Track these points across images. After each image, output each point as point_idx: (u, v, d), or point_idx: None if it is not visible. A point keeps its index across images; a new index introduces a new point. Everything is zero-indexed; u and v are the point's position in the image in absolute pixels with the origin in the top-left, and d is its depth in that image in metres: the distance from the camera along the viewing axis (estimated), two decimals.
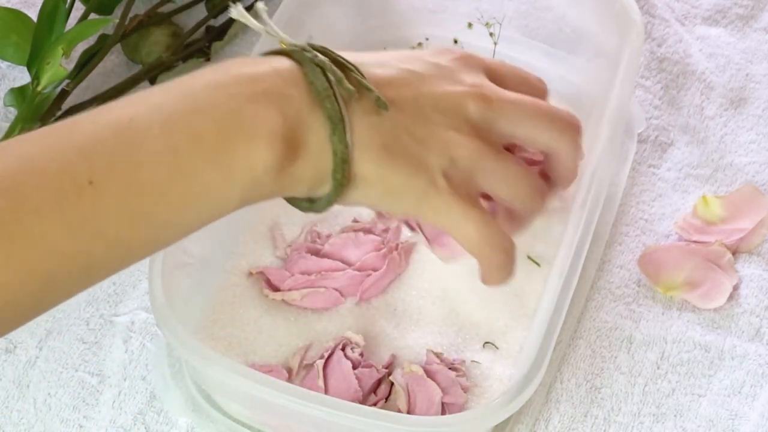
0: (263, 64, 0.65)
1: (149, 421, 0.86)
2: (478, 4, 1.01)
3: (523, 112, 0.73)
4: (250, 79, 0.64)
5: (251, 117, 0.63)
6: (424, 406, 0.83)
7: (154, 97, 0.63)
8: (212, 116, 0.62)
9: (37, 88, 0.97)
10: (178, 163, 0.61)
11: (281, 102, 0.64)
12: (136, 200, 0.60)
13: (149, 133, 0.60)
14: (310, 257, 0.89)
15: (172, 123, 0.61)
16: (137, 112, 0.61)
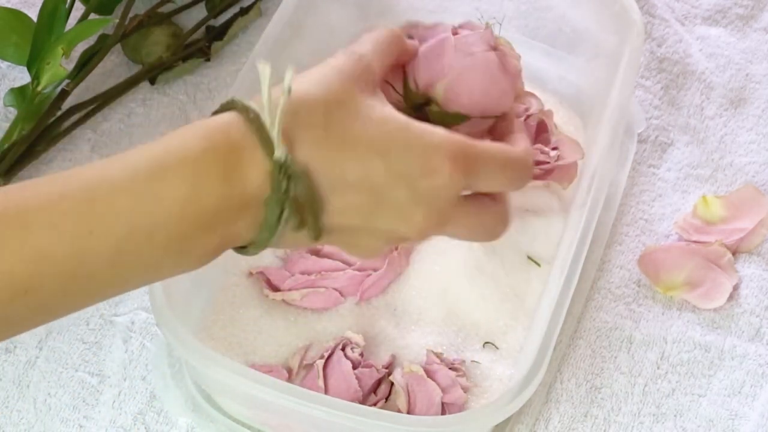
0: (235, 174, 0.62)
1: (149, 421, 0.86)
2: (478, 4, 1.01)
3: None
4: (204, 212, 0.62)
5: (194, 246, 0.63)
6: (424, 406, 0.83)
7: (119, 203, 0.61)
8: (161, 242, 0.61)
9: (37, 88, 0.97)
10: (123, 278, 0.62)
11: (225, 232, 0.63)
12: (72, 301, 0.62)
13: (101, 259, 0.60)
14: (310, 257, 0.89)
15: (126, 244, 0.60)
16: (97, 225, 0.60)
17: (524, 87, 0.77)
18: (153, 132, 1.01)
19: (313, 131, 0.63)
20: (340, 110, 0.64)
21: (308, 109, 0.63)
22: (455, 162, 0.65)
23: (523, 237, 0.92)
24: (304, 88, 0.64)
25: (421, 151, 0.65)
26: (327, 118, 0.64)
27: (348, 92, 0.65)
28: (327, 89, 0.65)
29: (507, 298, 0.89)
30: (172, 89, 1.03)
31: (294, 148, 0.62)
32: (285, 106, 0.62)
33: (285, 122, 0.62)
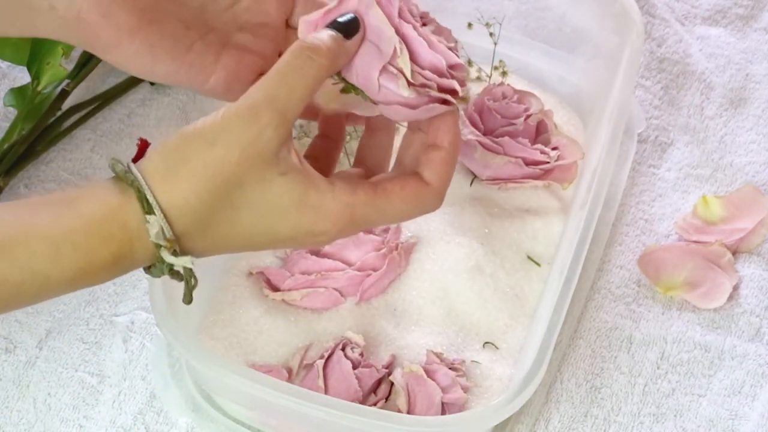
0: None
1: (149, 421, 0.86)
2: (478, 4, 1.01)
3: None
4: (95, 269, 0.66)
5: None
6: (424, 406, 0.83)
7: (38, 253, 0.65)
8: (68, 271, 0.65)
9: (37, 88, 0.97)
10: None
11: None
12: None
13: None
14: (310, 257, 0.89)
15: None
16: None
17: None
18: (153, 132, 1.01)
19: (197, 234, 0.66)
20: (225, 208, 0.66)
21: (193, 212, 0.65)
22: (344, 230, 0.68)
23: (523, 237, 0.92)
24: (187, 188, 0.65)
25: (310, 226, 0.67)
26: (211, 218, 0.66)
27: (239, 179, 0.65)
28: (215, 184, 0.65)
29: (507, 298, 0.89)
30: (172, 89, 1.03)
31: (182, 245, 0.66)
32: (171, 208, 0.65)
33: (175, 225, 0.65)
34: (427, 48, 0.69)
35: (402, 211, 0.69)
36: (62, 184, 0.97)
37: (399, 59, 0.68)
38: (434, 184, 0.69)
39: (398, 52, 0.68)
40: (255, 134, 0.64)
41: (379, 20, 0.69)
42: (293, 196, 0.65)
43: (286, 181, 0.65)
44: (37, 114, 0.98)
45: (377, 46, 0.68)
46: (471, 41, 1.02)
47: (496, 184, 0.94)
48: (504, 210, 0.94)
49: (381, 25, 0.69)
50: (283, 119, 0.65)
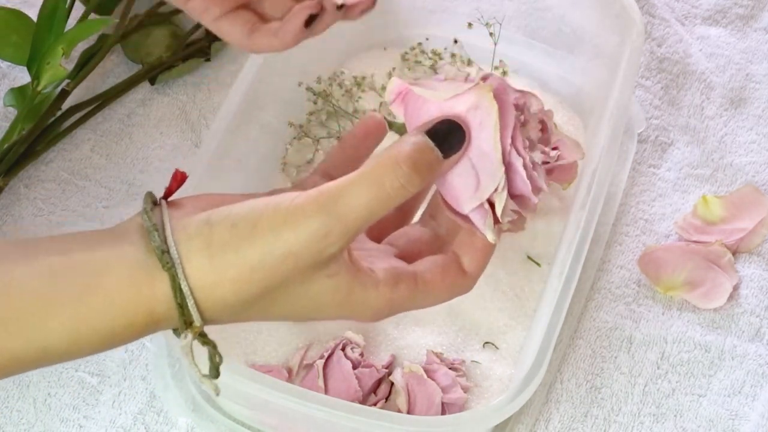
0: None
1: (149, 421, 0.86)
2: (478, 4, 1.01)
3: None
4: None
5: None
6: (424, 406, 0.83)
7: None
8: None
9: (37, 88, 0.97)
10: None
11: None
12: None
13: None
14: None
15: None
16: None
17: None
18: (153, 132, 1.01)
19: (225, 319, 0.63)
20: (262, 303, 0.63)
21: (228, 308, 0.62)
22: (381, 318, 0.66)
23: (523, 237, 0.92)
24: (229, 288, 0.61)
25: (348, 315, 0.65)
26: (245, 312, 0.63)
27: (285, 282, 0.62)
28: (260, 288, 0.62)
29: (507, 298, 0.89)
30: (172, 89, 1.03)
31: (206, 322, 0.63)
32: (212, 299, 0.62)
33: (204, 314, 0.62)
34: (527, 183, 0.63)
35: (437, 299, 0.67)
36: (62, 184, 0.97)
37: (497, 196, 0.63)
38: (472, 273, 0.67)
39: (499, 190, 0.63)
40: (318, 250, 0.61)
41: (491, 148, 0.62)
42: (336, 297, 0.63)
43: (332, 282, 0.63)
44: (37, 114, 0.98)
45: (477, 173, 0.63)
46: (471, 41, 1.02)
47: None
48: None
49: (492, 155, 0.62)
50: (350, 239, 0.62)
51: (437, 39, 1.03)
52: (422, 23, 1.03)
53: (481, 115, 0.62)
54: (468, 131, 0.62)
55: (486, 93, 0.62)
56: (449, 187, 0.63)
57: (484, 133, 0.62)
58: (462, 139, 0.63)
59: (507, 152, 0.62)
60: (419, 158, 0.62)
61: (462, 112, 0.62)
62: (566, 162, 0.93)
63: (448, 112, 0.63)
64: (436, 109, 0.63)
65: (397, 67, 1.02)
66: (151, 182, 0.98)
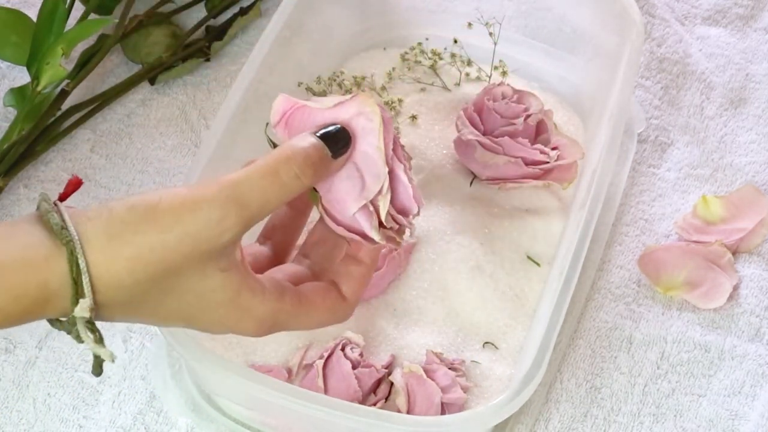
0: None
1: (149, 421, 0.86)
2: (478, 4, 1.01)
3: None
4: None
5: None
6: (424, 406, 0.83)
7: None
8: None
9: (37, 88, 0.97)
10: None
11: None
12: None
13: None
14: None
15: None
16: None
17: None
18: (153, 132, 1.01)
19: (117, 308, 0.63)
20: (156, 291, 0.63)
21: (123, 290, 0.62)
22: (264, 332, 0.67)
23: (523, 237, 0.92)
24: (125, 267, 0.62)
25: (234, 323, 0.66)
26: (139, 298, 0.63)
27: (179, 268, 0.63)
28: (156, 270, 0.62)
29: (507, 298, 0.89)
30: (172, 89, 1.03)
31: (98, 312, 0.62)
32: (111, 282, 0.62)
33: (98, 296, 0.62)
34: (410, 193, 0.67)
35: (319, 321, 0.70)
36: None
37: (380, 199, 0.66)
38: (351, 299, 0.70)
39: (383, 193, 0.66)
40: (215, 235, 0.62)
41: (375, 151, 0.66)
42: (226, 294, 0.64)
43: (224, 278, 0.64)
44: (36, 114, 0.98)
45: (362, 175, 0.66)
46: (471, 41, 1.02)
47: (496, 184, 0.94)
48: (504, 210, 0.94)
49: (376, 159, 0.66)
50: (246, 226, 0.64)
51: (437, 39, 1.03)
52: (422, 23, 1.03)
53: (364, 121, 0.66)
54: (353, 135, 0.66)
55: (368, 100, 0.66)
56: (335, 191, 0.66)
57: (367, 138, 0.65)
58: (348, 142, 0.66)
59: (389, 157, 0.66)
60: (312, 153, 0.65)
61: (346, 119, 0.66)
62: (566, 162, 0.93)
63: (333, 119, 0.66)
64: (322, 117, 0.66)
65: (396, 67, 1.02)
66: (151, 182, 0.98)
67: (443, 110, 0.99)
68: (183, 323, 0.66)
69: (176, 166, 0.99)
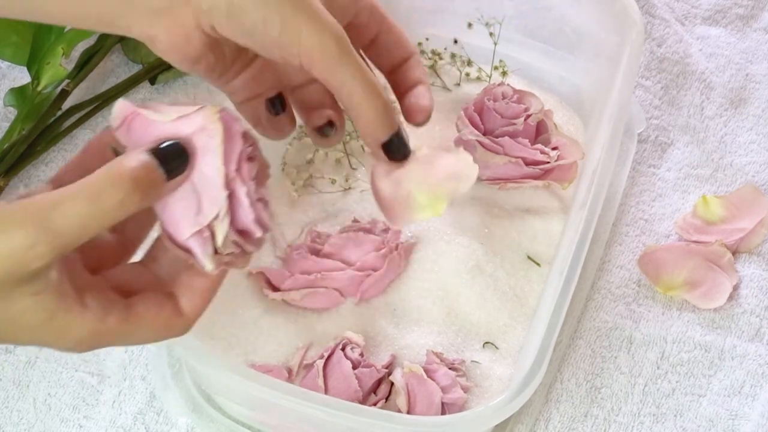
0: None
1: (149, 421, 0.86)
2: (478, 4, 1.01)
3: None
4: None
5: None
6: (424, 406, 0.83)
7: None
8: None
9: (37, 88, 0.97)
10: None
11: None
12: None
13: None
14: (310, 257, 0.89)
15: None
16: None
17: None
18: None
19: None
20: None
21: None
22: (89, 348, 0.63)
23: (523, 237, 0.92)
24: None
25: (52, 343, 0.62)
26: None
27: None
28: None
29: (507, 298, 0.89)
30: (172, 89, 1.03)
31: None
32: None
33: None
34: (251, 218, 0.62)
35: (149, 337, 0.64)
36: None
37: (217, 224, 0.61)
38: (189, 314, 0.64)
39: (220, 218, 0.61)
40: (22, 262, 0.57)
41: (214, 172, 0.60)
42: (39, 317, 0.60)
43: (35, 301, 0.59)
44: (37, 114, 0.98)
45: (199, 197, 0.61)
46: (471, 41, 1.02)
47: (496, 184, 0.94)
48: (504, 210, 0.94)
49: (214, 180, 0.60)
50: (60, 254, 0.58)
51: (437, 39, 1.03)
52: (422, 23, 1.03)
53: (205, 138, 0.60)
54: (193, 153, 0.61)
55: (212, 115, 0.61)
56: (170, 212, 0.61)
57: (207, 157, 0.60)
58: (186, 160, 0.61)
59: (230, 178, 0.61)
60: (142, 175, 0.59)
61: (188, 134, 0.61)
62: (566, 162, 0.93)
63: (174, 134, 0.61)
64: (162, 130, 0.61)
65: None
66: None
67: (443, 110, 0.99)
68: (4, 341, 0.62)
69: None
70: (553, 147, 0.94)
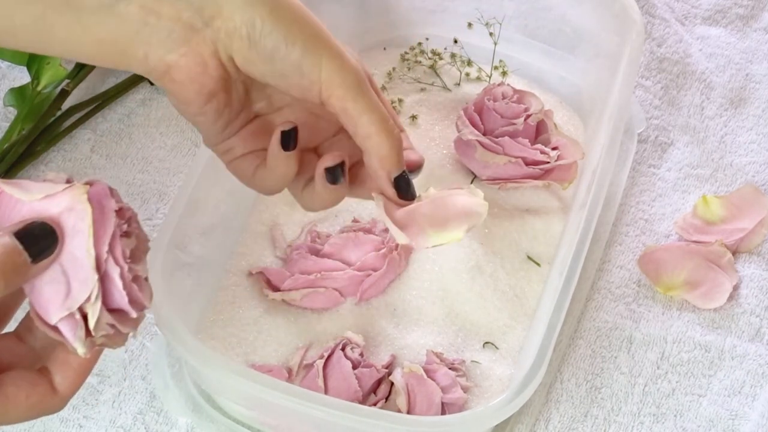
0: None
1: (149, 421, 0.86)
2: (478, 4, 1.01)
3: None
4: None
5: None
6: (424, 406, 0.83)
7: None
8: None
9: (37, 88, 0.97)
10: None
11: None
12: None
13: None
14: (310, 257, 0.89)
15: None
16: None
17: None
18: (153, 132, 1.01)
19: None
20: None
21: None
22: None
23: (523, 237, 0.92)
24: None
25: None
26: None
27: None
28: None
29: (507, 298, 0.89)
30: None
31: None
32: None
33: None
34: (125, 299, 0.60)
35: (19, 417, 0.61)
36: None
37: (89, 307, 0.59)
38: (64, 392, 0.62)
39: (92, 301, 0.58)
40: None
41: (83, 254, 0.58)
42: None
43: None
44: (37, 114, 0.98)
45: (68, 280, 0.58)
46: (471, 41, 1.02)
47: (496, 184, 0.94)
48: (504, 210, 0.94)
49: (84, 263, 0.58)
50: None
51: (437, 39, 1.03)
52: (422, 23, 1.03)
53: (74, 219, 0.58)
54: (61, 235, 0.58)
55: (80, 195, 0.58)
56: (38, 294, 0.59)
57: (77, 238, 0.58)
58: (54, 242, 0.58)
59: (102, 260, 0.58)
60: (5, 261, 0.57)
61: (56, 214, 0.58)
62: (566, 162, 0.93)
63: (41, 214, 0.58)
64: (28, 210, 0.59)
65: (396, 67, 1.02)
66: (151, 182, 0.98)
67: (443, 110, 0.99)
68: None
69: (176, 166, 0.99)
70: (553, 147, 0.94)
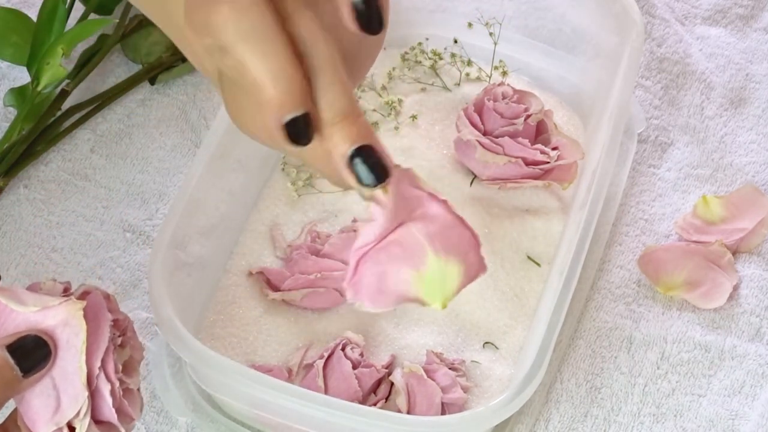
0: None
1: (149, 421, 0.86)
2: (478, 4, 1.01)
3: None
4: None
5: None
6: (424, 406, 0.83)
7: None
8: None
9: (37, 88, 0.97)
10: None
11: None
12: None
13: None
14: (310, 257, 0.89)
15: None
16: None
17: None
18: (153, 132, 1.01)
19: None
20: None
21: None
22: None
23: (523, 237, 0.92)
24: None
25: None
26: None
27: None
28: None
29: (507, 298, 0.89)
30: (172, 89, 1.03)
31: None
32: None
33: None
34: (115, 416, 0.59)
35: None
36: (62, 185, 0.97)
37: (77, 422, 0.59)
38: None
39: (80, 417, 0.58)
40: None
41: (75, 369, 0.58)
42: None
43: None
44: (37, 114, 0.98)
45: (58, 394, 0.58)
46: (471, 41, 1.02)
47: (496, 184, 0.94)
48: (504, 210, 0.94)
49: (75, 379, 0.58)
50: None
51: (437, 39, 1.03)
52: (422, 23, 1.03)
53: (68, 334, 0.58)
54: (55, 348, 0.58)
55: (76, 311, 0.58)
56: (27, 405, 0.58)
57: (70, 353, 0.58)
58: (47, 356, 0.57)
59: (94, 376, 0.58)
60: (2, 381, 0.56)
61: (50, 327, 0.58)
62: (566, 162, 0.93)
63: (35, 326, 0.58)
64: (23, 321, 0.58)
65: (396, 67, 1.02)
66: (151, 182, 0.98)
67: (443, 110, 0.99)
68: None
69: (176, 166, 0.99)
70: (553, 147, 0.94)
